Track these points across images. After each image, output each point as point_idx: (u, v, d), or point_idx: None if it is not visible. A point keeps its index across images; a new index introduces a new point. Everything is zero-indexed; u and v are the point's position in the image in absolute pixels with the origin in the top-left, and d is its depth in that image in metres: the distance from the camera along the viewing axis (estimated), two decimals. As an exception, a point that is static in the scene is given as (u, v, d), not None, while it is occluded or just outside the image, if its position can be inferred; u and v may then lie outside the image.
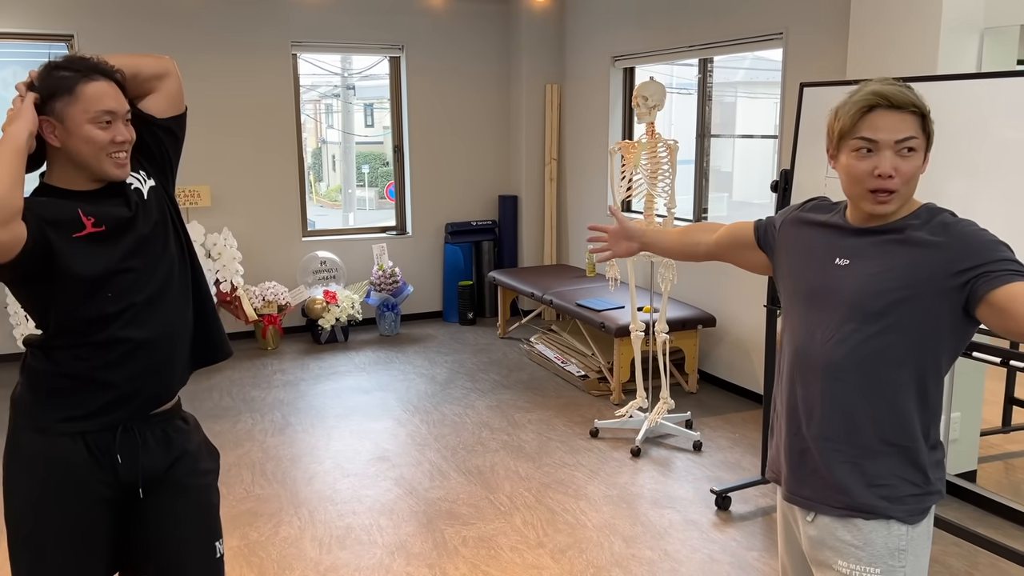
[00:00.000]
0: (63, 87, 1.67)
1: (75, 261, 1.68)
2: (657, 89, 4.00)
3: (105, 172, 1.72)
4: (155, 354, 1.78)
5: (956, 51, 3.31)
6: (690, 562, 3.11)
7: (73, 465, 1.73)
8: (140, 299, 1.75)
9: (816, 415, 1.62)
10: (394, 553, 3.18)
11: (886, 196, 1.53)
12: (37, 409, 1.75)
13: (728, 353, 5.06)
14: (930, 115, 1.56)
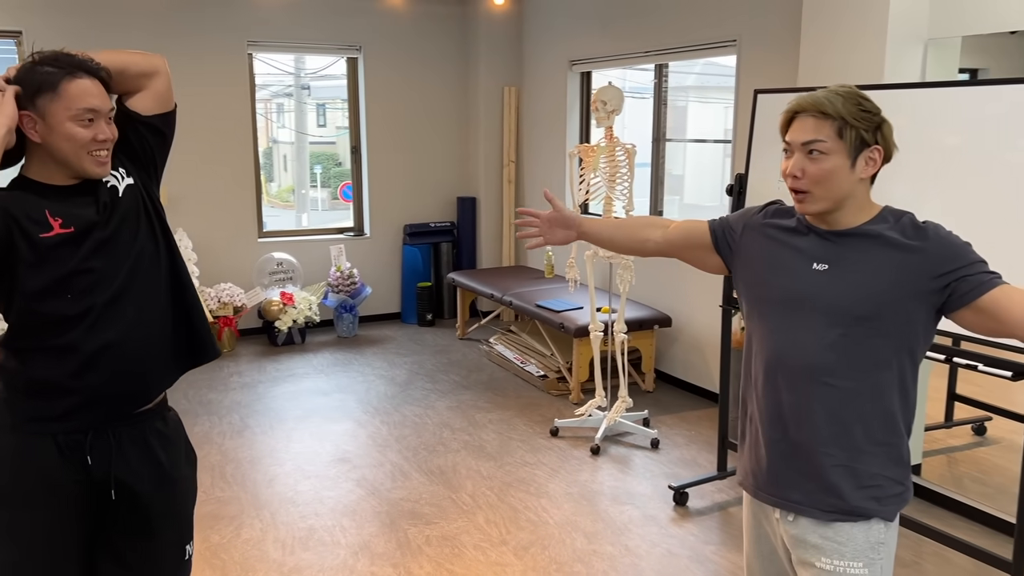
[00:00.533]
0: (47, 83, 1.65)
1: (36, 262, 1.67)
2: (616, 94, 4.08)
3: (85, 170, 1.71)
4: (125, 356, 1.76)
5: (902, 61, 3.45)
6: (650, 556, 3.18)
7: (44, 465, 1.72)
8: (101, 300, 1.72)
9: (805, 420, 1.63)
10: (358, 553, 3.19)
11: (799, 196, 1.60)
12: (8, 407, 1.74)
13: (683, 352, 5.17)
14: (861, 120, 1.58)
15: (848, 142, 1.58)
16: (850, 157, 1.58)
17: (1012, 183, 2.59)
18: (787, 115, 1.63)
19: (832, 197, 1.60)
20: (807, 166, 1.58)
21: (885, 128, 1.62)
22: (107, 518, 1.82)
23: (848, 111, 1.57)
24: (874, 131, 1.59)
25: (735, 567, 3.11)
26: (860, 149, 1.59)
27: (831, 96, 1.59)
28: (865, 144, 1.59)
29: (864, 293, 1.58)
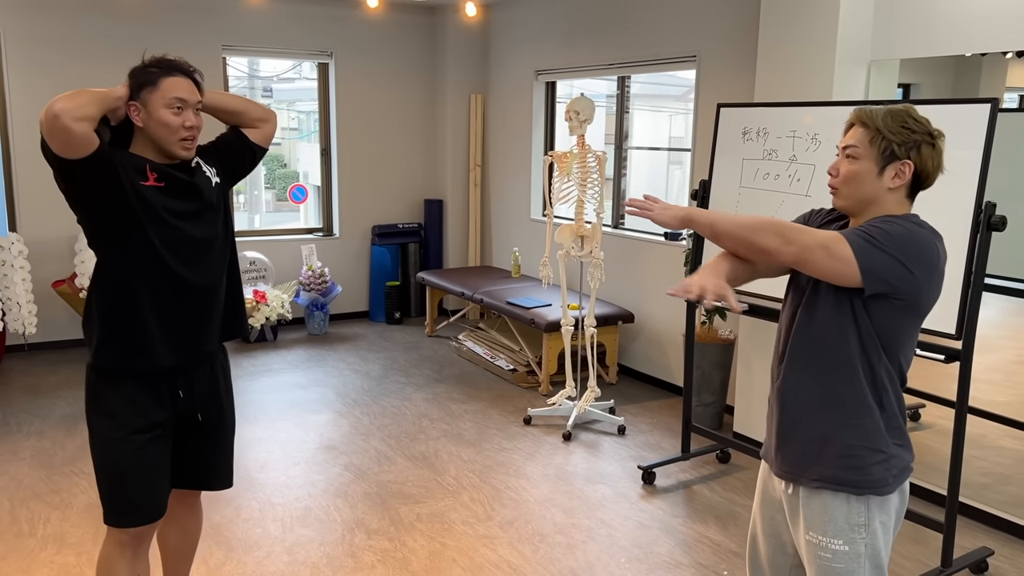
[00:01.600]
0: (149, 79, 2.13)
1: (133, 188, 2.11)
2: (587, 105, 4.38)
3: (174, 152, 2.17)
4: (206, 296, 2.26)
5: (847, 79, 3.82)
6: (623, 528, 3.48)
7: (139, 400, 2.23)
8: (182, 251, 2.20)
9: (793, 399, 1.88)
10: (354, 529, 3.42)
11: (832, 191, 1.85)
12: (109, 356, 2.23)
13: (645, 347, 5.50)
14: (896, 135, 1.74)
15: (878, 151, 1.75)
16: (878, 164, 1.76)
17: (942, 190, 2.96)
18: (847, 125, 1.85)
19: (856, 197, 1.80)
20: (842, 166, 1.81)
21: (924, 149, 1.75)
22: (191, 431, 2.39)
23: (886, 124, 1.75)
24: (909, 148, 1.75)
25: (700, 535, 3.42)
26: (890, 160, 1.75)
27: (879, 110, 1.78)
28: (895, 157, 1.75)
29: (828, 289, 1.80)
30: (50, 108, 1.99)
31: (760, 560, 2.09)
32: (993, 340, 4.03)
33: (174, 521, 2.54)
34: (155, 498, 2.29)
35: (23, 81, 5.66)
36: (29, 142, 5.72)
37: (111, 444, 2.22)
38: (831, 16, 3.75)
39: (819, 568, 1.85)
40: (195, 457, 2.41)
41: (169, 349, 2.23)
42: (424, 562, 3.17)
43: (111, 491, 2.25)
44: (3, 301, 5.34)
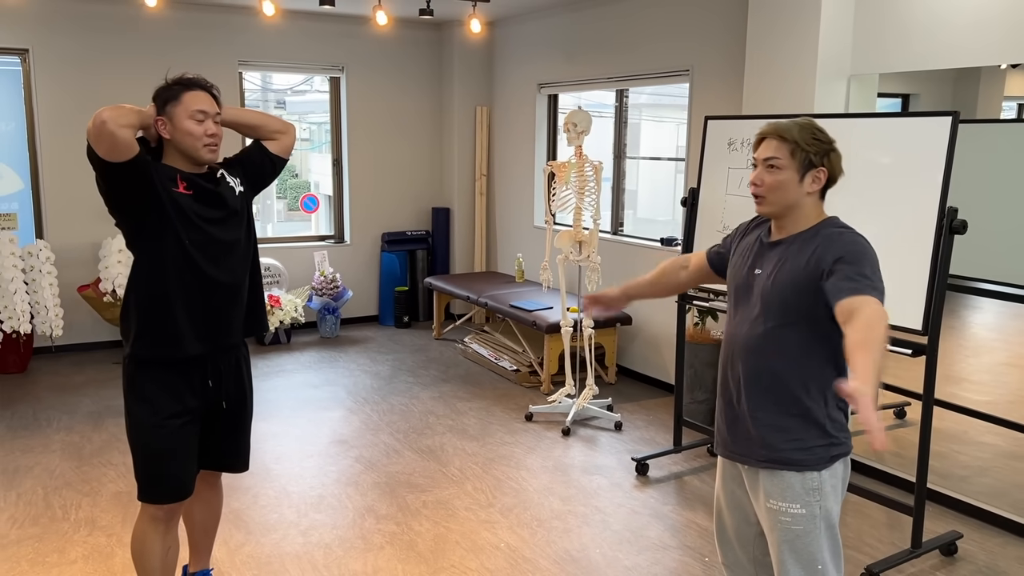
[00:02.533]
0: (173, 95, 2.41)
1: (166, 194, 2.37)
2: (584, 117, 4.63)
3: (201, 156, 2.43)
4: (230, 293, 2.50)
5: (829, 92, 4.06)
6: (617, 514, 3.71)
7: (173, 387, 2.49)
8: (209, 252, 2.44)
9: (744, 390, 2.09)
10: (364, 515, 3.66)
11: (758, 200, 2.08)
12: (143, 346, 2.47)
13: (642, 348, 5.73)
14: (811, 146, 1.99)
15: (798, 161, 2.01)
16: (799, 173, 2.01)
17: (910, 197, 3.18)
18: (757, 138, 2.11)
19: (781, 203, 2.04)
20: (766, 177, 2.04)
21: (833, 156, 2.03)
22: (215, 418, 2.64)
23: (802, 137, 2.00)
24: (822, 156, 2.02)
25: (688, 521, 3.65)
26: (808, 168, 2.01)
27: (791, 125, 2.03)
28: (813, 165, 2.01)
29: (779, 288, 2.01)
30: (98, 116, 2.24)
31: (727, 533, 2.31)
32: (987, 343, 4.23)
33: (199, 499, 2.78)
34: (185, 478, 2.54)
35: (50, 98, 5.96)
36: (56, 155, 6.01)
37: (148, 428, 2.47)
38: (812, 33, 3.99)
39: (780, 531, 2.07)
40: (218, 442, 2.66)
41: (196, 338, 2.47)
42: (429, 544, 3.40)
43: (146, 470, 2.50)
44: (32, 305, 5.61)
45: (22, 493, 3.80)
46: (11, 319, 5.43)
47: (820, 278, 1.95)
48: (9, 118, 5.97)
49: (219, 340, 2.54)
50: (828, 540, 2.06)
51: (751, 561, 2.28)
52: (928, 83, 5.93)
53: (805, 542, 2.04)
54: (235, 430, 2.69)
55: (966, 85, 6.10)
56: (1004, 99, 5.57)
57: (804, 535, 2.05)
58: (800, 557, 2.04)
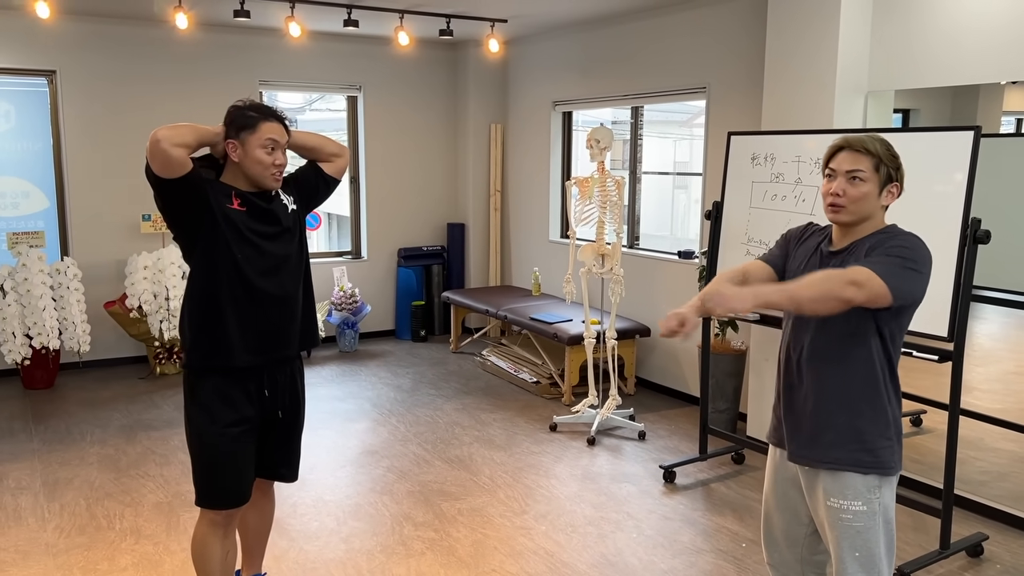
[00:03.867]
0: (249, 123, 2.50)
1: (220, 210, 2.47)
2: (607, 134, 4.76)
3: (266, 184, 2.56)
4: (281, 306, 2.59)
5: (847, 108, 4.18)
6: (649, 520, 3.79)
7: (231, 396, 2.58)
8: (261, 266, 2.53)
9: (810, 392, 2.16)
10: (402, 522, 3.74)
11: (836, 209, 2.12)
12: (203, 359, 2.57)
13: (661, 360, 5.83)
14: (890, 161, 2.09)
15: (881, 175, 2.09)
16: (879, 186, 2.09)
17: (935, 208, 3.30)
18: (832, 149, 2.13)
19: (860, 213, 2.11)
20: (849, 189, 2.09)
21: (901, 171, 2.13)
22: (271, 427, 2.73)
23: (883, 152, 2.09)
24: (896, 171, 2.11)
25: (718, 526, 3.73)
26: (886, 183, 2.10)
27: (872, 139, 2.10)
28: (891, 179, 2.10)
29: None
30: (154, 135, 2.35)
31: (775, 534, 2.37)
32: (994, 352, 4.34)
33: (253, 506, 2.86)
34: (243, 485, 2.63)
35: (76, 118, 6.07)
36: (81, 174, 6.11)
37: (208, 436, 2.56)
38: (831, 50, 4.12)
39: (841, 528, 2.13)
40: (272, 451, 2.75)
41: (246, 350, 2.55)
42: (469, 549, 3.48)
43: (205, 477, 2.59)
44: (60, 321, 5.70)
45: (65, 504, 3.87)
46: (40, 335, 5.52)
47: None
48: (36, 138, 6.08)
49: (273, 352, 2.61)
50: (885, 535, 2.13)
51: (799, 561, 2.34)
52: (928, 99, 6.07)
53: (865, 538, 2.11)
54: (288, 440, 2.78)
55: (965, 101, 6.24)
56: (1003, 114, 5.72)
57: (864, 531, 2.11)
58: (859, 553, 2.12)
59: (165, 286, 5.86)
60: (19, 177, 6.07)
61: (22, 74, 5.96)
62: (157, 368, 5.98)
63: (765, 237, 4.01)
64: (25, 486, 4.07)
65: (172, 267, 5.88)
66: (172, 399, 5.45)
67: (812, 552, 2.32)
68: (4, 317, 5.51)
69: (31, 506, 3.84)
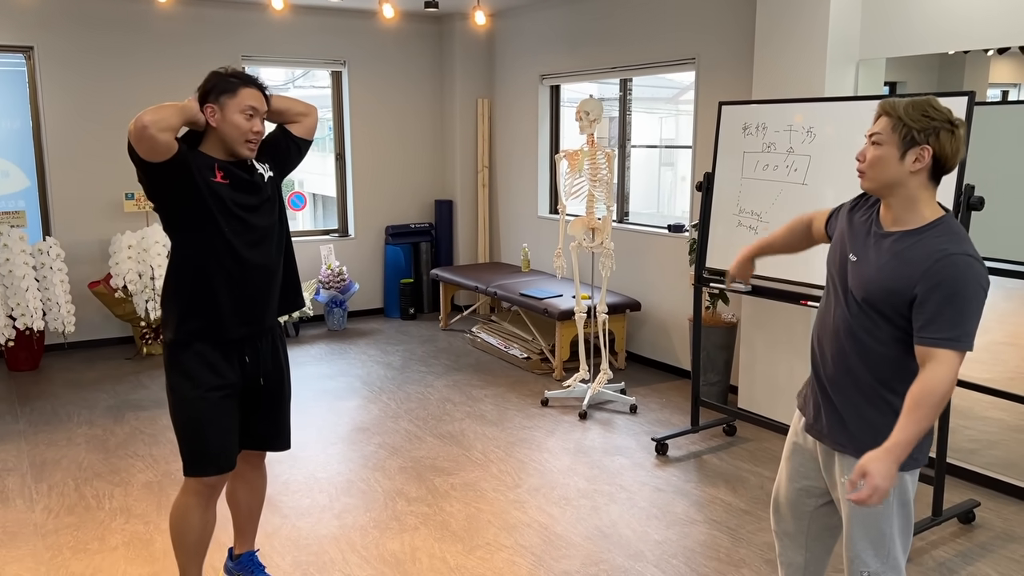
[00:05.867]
0: (230, 87, 2.49)
1: (206, 184, 2.45)
2: (596, 106, 4.71)
3: (239, 151, 2.51)
4: (268, 276, 2.60)
5: (838, 77, 4.15)
6: (641, 492, 3.79)
7: (213, 361, 2.57)
8: (247, 238, 2.53)
9: (837, 378, 2.08)
10: (395, 497, 3.72)
11: (860, 175, 2.01)
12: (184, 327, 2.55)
13: (651, 334, 5.82)
14: (916, 122, 1.90)
15: (899, 136, 1.91)
16: (900, 149, 1.92)
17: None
18: (875, 116, 2.01)
19: (880, 179, 1.96)
20: (868, 151, 1.98)
21: (943, 135, 1.90)
22: (255, 396, 2.71)
23: (907, 113, 1.91)
24: (927, 133, 1.90)
25: (711, 497, 3.74)
26: (910, 145, 1.91)
27: (902, 101, 1.94)
28: (915, 142, 1.90)
29: (875, 283, 1.97)
30: (139, 120, 2.29)
31: (782, 505, 2.32)
32: (983, 322, 4.34)
33: (244, 481, 2.84)
34: (227, 451, 2.61)
35: (55, 95, 5.95)
36: (61, 152, 6.01)
37: (190, 400, 2.54)
38: (822, 18, 4.08)
39: (852, 506, 2.08)
40: (258, 420, 2.73)
41: (240, 322, 2.55)
42: (463, 523, 3.47)
43: (190, 444, 2.58)
44: (44, 302, 5.62)
45: (53, 485, 3.83)
46: (24, 316, 5.44)
47: (912, 297, 1.92)
48: (15, 116, 5.96)
49: (259, 322, 2.62)
50: (900, 516, 2.08)
51: (804, 534, 2.30)
52: (915, 70, 6.05)
53: (876, 518, 2.07)
54: (274, 408, 2.76)
55: (951, 72, 6.23)
56: (989, 86, 5.71)
57: (876, 511, 2.06)
58: (869, 531, 2.07)
59: (150, 265, 5.78)
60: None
61: (0, 50, 5.84)
62: (143, 348, 5.92)
63: (757, 208, 3.99)
64: (12, 467, 4.02)
65: (156, 246, 5.80)
66: (159, 379, 5.40)
67: (820, 527, 2.28)
68: (-14, 298, 5.43)
69: (18, 487, 3.80)
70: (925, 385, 1.88)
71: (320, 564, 3.14)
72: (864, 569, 2.09)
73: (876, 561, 2.08)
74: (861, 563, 2.09)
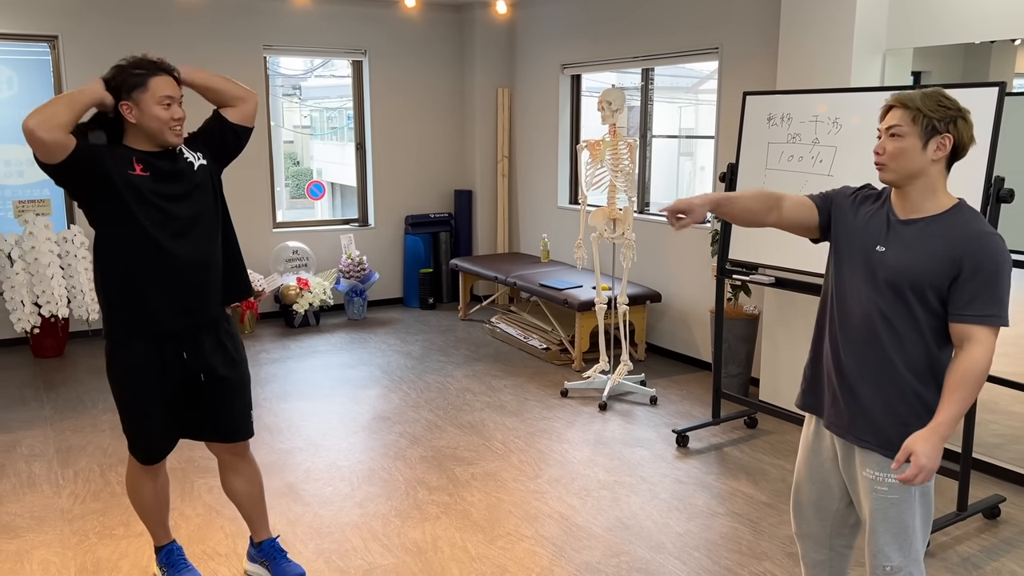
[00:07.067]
0: (139, 81, 2.42)
1: (121, 178, 2.42)
2: (618, 95, 4.68)
3: (166, 140, 2.49)
4: (198, 267, 2.55)
5: (864, 67, 4.10)
6: (662, 483, 3.78)
7: (148, 359, 2.58)
8: (171, 229, 2.49)
9: (857, 371, 2.07)
10: (416, 486, 3.73)
11: (880, 167, 2.02)
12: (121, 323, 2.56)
13: (671, 325, 5.80)
14: (934, 112, 1.93)
15: (920, 127, 1.95)
16: (922, 140, 1.95)
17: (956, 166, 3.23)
18: (884, 109, 2.03)
19: (903, 171, 1.98)
20: (888, 144, 1.99)
21: (959, 123, 1.95)
22: (196, 395, 2.67)
23: (925, 104, 1.95)
24: (947, 122, 1.95)
25: (733, 489, 3.72)
26: (932, 134, 1.95)
27: (914, 93, 1.98)
28: (936, 131, 1.95)
29: (905, 272, 1.97)
30: (25, 124, 2.26)
31: (804, 505, 2.29)
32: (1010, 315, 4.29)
33: (236, 473, 2.86)
34: (161, 443, 2.71)
35: (79, 82, 5.99)
36: (86, 140, 6.05)
37: (126, 398, 2.61)
38: (848, 7, 4.03)
39: (875, 499, 2.07)
40: (211, 414, 2.72)
41: (172, 315, 2.54)
42: (484, 513, 3.48)
43: (129, 431, 2.68)
44: (68, 289, 5.68)
45: (79, 471, 3.88)
46: (49, 303, 5.50)
47: (953, 276, 1.94)
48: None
49: (195, 315, 2.59)
50: (921, 508, 2.07)
51: (827, 534, 2.28)
52: (939, 60, 5.97)
53: (899, 510, 2.05)
54: (221, 402, 2.71)
55: (977, 62, 6.14)
56: (1015, 75, 5.62)
57: (899, 503, 2.05)
58: (891, 525, 2.06)
59: (172, 254, 5.82)
60: (24, 145, 6.00)
61: (24, 40, 5.88)
62: (166, 336, 5.96)
63: (781, 199, 3.95)
64: (39, 453, 4.08)
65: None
66: (182, 367, 5.45)
67: (842, 524, 2.26)
68: (12, 286, 5.49)
69: (45, 473, 3.85)
70: (966, 363, 1.93)
71: (342, 552, 3.17)
72: (887, 563, 2.08)
73: (899, 555, 2.07)
74: (884, 557, 2.08)
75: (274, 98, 9.97)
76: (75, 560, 3.10)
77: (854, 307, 2.09)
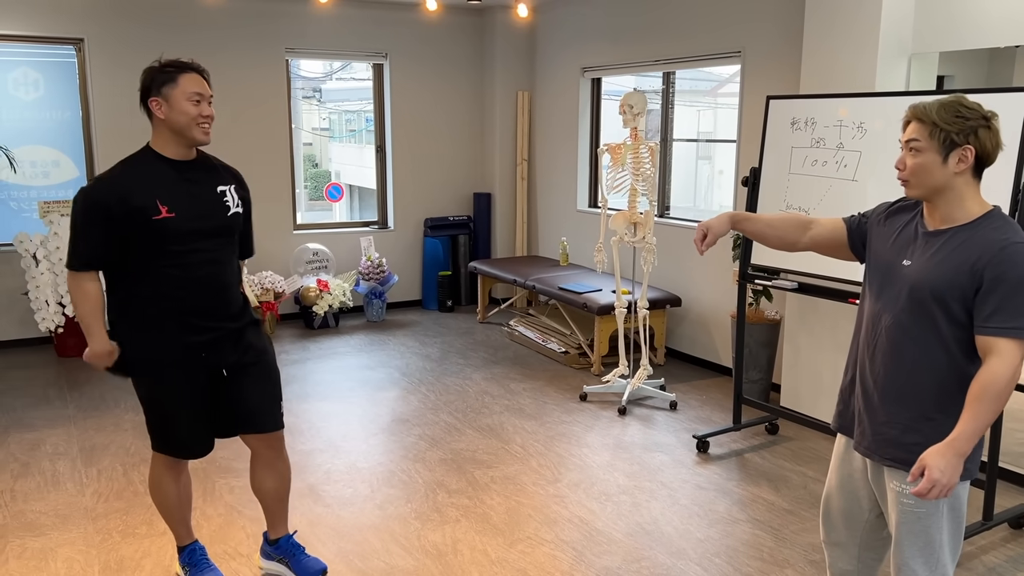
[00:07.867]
0: (168, 78, 2.49)
1: (147, 220, 2.48)
2: (640, 99, 4.67)
3: (195, 137, 2.53)
4: (220, 291, 2.64)
5: (890, 71, 4.07)
6: (683, 489, 3.77)
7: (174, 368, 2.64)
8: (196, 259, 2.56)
9: (886, 389, 2.04)
10: (436, 489, 3.74)
11: (903, 183, 1.99)
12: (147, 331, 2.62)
13: (691, 330, 5.77)
14: (951, 124, 1.89)
15: (938, 142, 1.91)
16: (941, 154, 1.91)
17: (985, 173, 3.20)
18: (904, 121, 1.99)
19: (927, 185, 1.95)
20: (908, 159, 1.96)
21: (981, 132, 1.90)
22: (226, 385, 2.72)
23: (941, 117, 1.90)
24: (966, 133, 1.89)
25: (754, 496, 3.70)
26: (951, 148, 1.90)
27: (931, 104, 1.94)
28: (955, 144, 1.90)
29: (931, 285, 1.94)
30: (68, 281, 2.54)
31: (834, 514, 2.27)
32: None
33: (268, 467, 2.87)
34: (191, 440, 2.72)
35: (105, 86, 6.06)
36: (110, 142, 6.11)
37: (152, 400, 2.66)
38: (874, 11, 4.00)
39: (901, 512, 2.04)
40: (240, 402, 2.73)
41: (194, 333, 2.59)
42: (503, 516, 3.48)
43: (155, 429, 2.71)
44: (91, 289, 5.73)
45: (102, 469, 3.91)
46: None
47: (977, 287, 1.90)
48: (65, 107, 6.08)
49: (217, 329, 2.64)
50: (950, 523, 2.03)
51: (857, 544, 2.25)
52: (964, 65, 5.92)
53: (926, 524, 2.02)
54: (252, 389, 2.73)
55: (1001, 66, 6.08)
56: (1040, 80, 5.55)
57: (926, 517, 2.01)
58: (918, 539, 2.03)
59: (194, 255, 5.86)
60: (49, 146, 6.08)
61: (50, 42, 5.94)
62: (187, 337, 6.00)
63: (804, 204, 3.93)
64: (63, 452, 4.11)
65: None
66: (203, 367, 5.48)
67: (873, 535, 2.24)
68: (37, 285, 5.55)
69: (69, 471, 3.89)
70: (986, 377, 1.88)
71: (362, 553, 3.17)
72: None
73: (925, 569, 2.04)
74: (909, 571, 2.05)
75: (294, 100, 10.02)
76: (99, 558, 3.12)
77: (880, 324, 2.07)
